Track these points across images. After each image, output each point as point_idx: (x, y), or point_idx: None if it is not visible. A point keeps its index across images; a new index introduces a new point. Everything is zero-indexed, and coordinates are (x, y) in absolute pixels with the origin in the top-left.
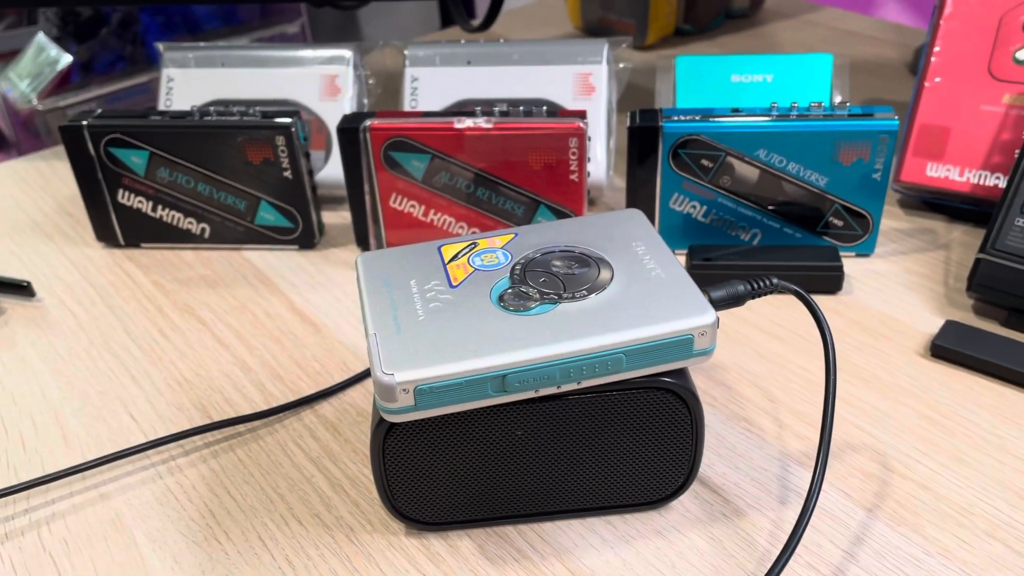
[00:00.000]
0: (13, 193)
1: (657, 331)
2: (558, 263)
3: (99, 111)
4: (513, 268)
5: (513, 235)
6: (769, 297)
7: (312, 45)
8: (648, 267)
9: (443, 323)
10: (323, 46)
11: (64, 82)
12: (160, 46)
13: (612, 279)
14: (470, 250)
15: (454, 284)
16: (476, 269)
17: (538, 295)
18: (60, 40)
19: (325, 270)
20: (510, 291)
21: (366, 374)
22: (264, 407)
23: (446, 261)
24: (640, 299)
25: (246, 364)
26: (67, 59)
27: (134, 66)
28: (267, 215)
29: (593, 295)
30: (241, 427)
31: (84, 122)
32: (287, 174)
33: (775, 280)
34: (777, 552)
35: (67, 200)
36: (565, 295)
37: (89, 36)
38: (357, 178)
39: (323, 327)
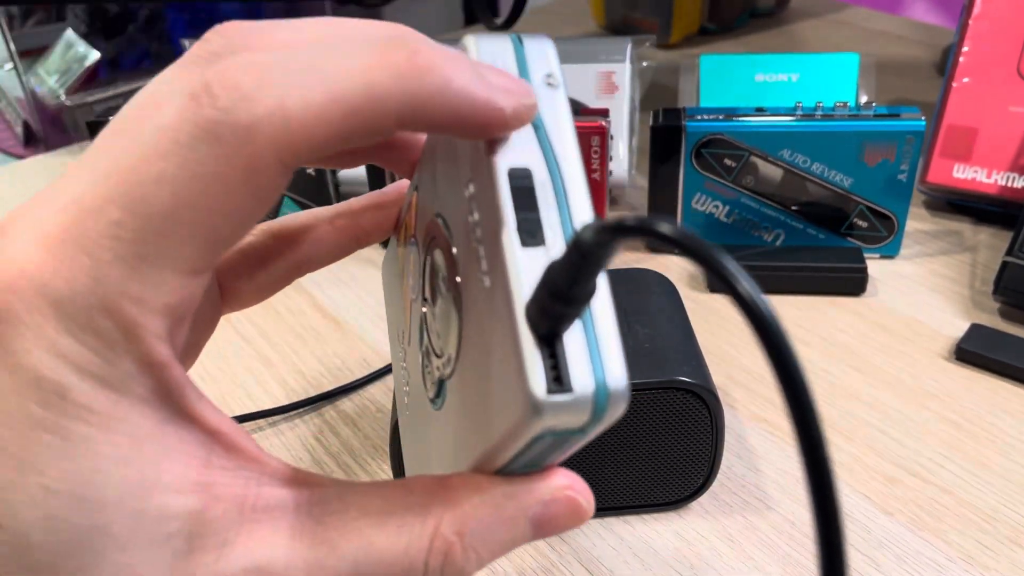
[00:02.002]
0: (41, 187)
1: (498, 456)
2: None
3: None
4: (423, 293)
5: (416, 192)
6: (791, 298)
7: None
8: (482, 279)
9: (407, 431)
10: None
11: (92, 78)
12: (186, 43)
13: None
14: (404, 247)
15: (409, 335)
16: (411, 299)
17: (431, 370)
18: (88, 37)
19: (348, 268)
20: (423, 363)
21: (387, 370)
22: (285, 402)
23: (401, 277)
24: (477, 377)
25: (268, 359)
26: (95, 55)
27: (160, 63)
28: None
29: (458, 366)
30: (262, 422)
31: (111, 118)
32: (310, 171)
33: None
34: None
35: None
36: (441, 362)
37: (116, 33)
38: (379, 178)
39: (345, 324)
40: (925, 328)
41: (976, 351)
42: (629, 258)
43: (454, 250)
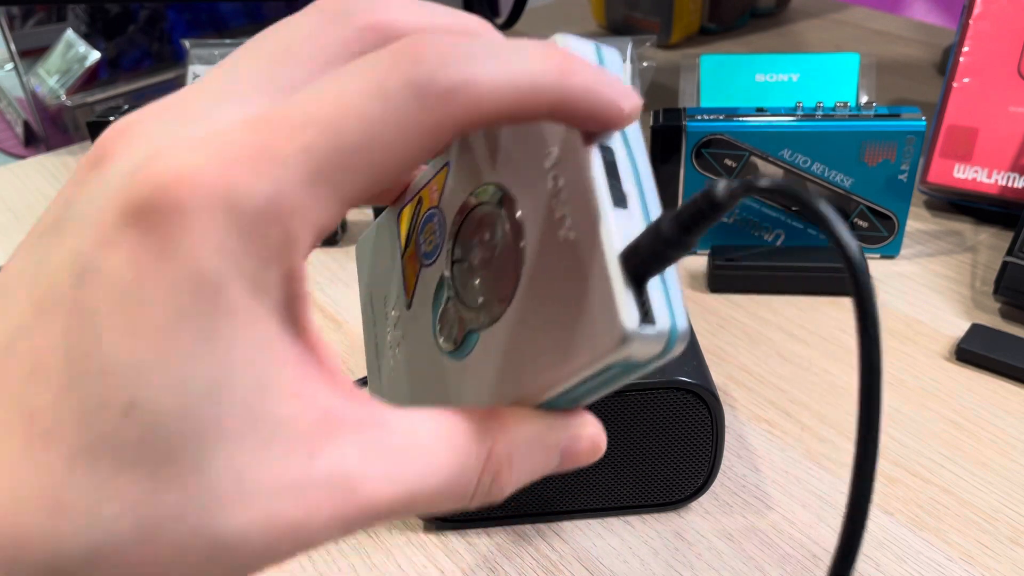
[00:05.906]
0: (41, 187)
1: (562, 383)
2: (479, 238)
3: (126, 107)
4: (451, 255)
5: (446, 168)
6: (792, 299)
7: None
8: (564, 235)
9: (400, 386)
10: None
11: (92, 78)
12: (186, 43)
13: (522, 268)
14: (416, 219)
15: (408, 299)
16: (421, 264)
17: (456, 323)
18: (88, 37)
19: (348, 267)
20: (440, 319)
21: None
22: None
23: (403, 248)
24: (542, 317)
25: None
26: (95, 55)
27: (161, 63)
28: None
29: (507, 312)
30: None
31: (111, 118)
32: None
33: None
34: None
35: None
36: (475, 314)
37: (117, 33)
38: None
39: (345, 323)
40: (925, 328)
41: (976, 351)
42: None
43: (518, 213)
